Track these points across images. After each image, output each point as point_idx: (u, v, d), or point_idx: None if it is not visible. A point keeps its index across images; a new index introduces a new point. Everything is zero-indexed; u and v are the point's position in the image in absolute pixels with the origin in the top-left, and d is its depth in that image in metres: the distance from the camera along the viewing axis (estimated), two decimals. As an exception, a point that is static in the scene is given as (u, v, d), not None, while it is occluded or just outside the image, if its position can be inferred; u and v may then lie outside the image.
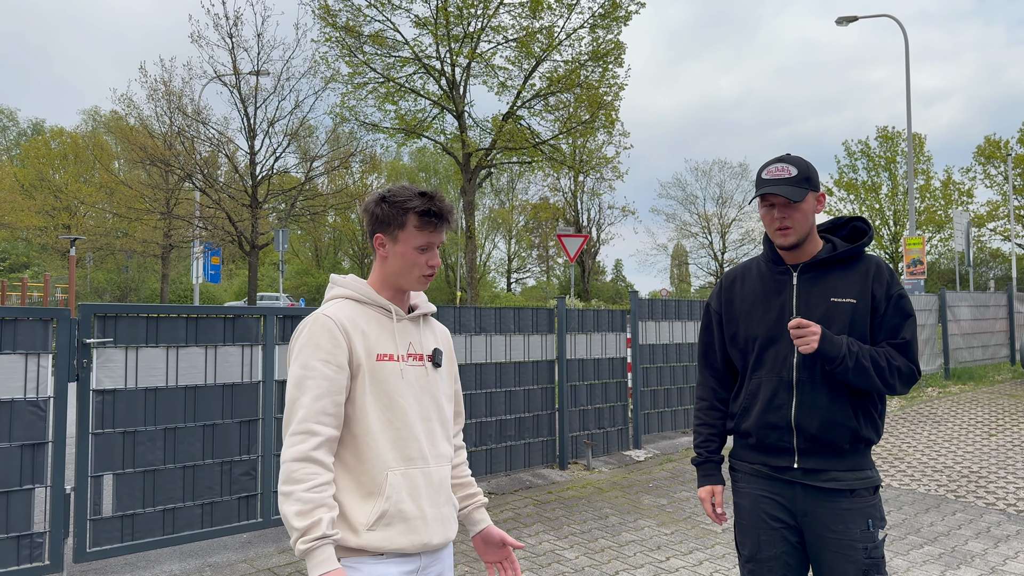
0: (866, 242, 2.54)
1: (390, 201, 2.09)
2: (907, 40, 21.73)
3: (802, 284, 2.51)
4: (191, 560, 5.02)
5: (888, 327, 2.45)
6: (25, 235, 40.45)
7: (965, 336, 15.56)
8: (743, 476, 2.63)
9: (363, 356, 2.03)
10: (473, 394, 6.88)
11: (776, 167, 2.48)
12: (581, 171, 29.80)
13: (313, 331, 2.01)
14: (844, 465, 2.43)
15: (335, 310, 2.06)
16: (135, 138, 24.46)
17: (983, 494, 6.64)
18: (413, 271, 2.12)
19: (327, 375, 1.98)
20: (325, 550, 1.86)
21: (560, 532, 5.67)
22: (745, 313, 2.61)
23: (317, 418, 1.95)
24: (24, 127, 60.54)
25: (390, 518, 1.99)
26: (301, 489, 1.88)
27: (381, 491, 2.00)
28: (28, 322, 4.54)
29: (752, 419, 2.55)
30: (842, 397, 2.42)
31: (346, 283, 2.16)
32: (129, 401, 4.85)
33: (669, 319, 9.12)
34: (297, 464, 1.91)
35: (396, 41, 23.09)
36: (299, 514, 1.86)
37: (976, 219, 44.78)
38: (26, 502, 4.48)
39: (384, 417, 2.03)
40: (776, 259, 2.59)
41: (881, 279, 2.47)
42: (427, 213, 2.08)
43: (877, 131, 48.28)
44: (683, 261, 61.33)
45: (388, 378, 2.06)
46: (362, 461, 2.01)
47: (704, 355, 2.78)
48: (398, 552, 2.00)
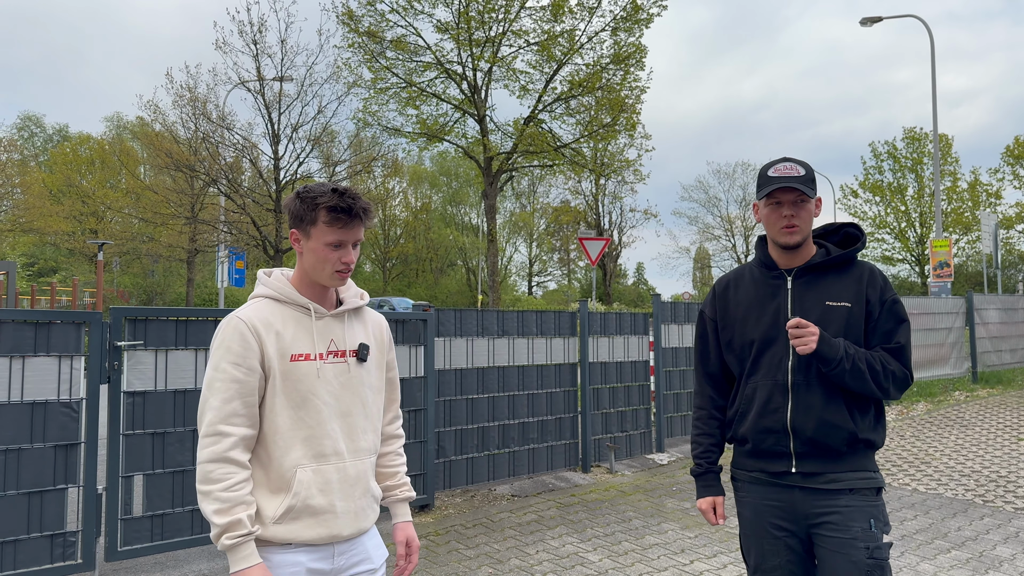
0: (859, 247, 2.54)
1: (303, 197, 2.12)
2: (933, 40, 21.50)
3: (797, 288, 2.51)
4: (219, 560, 5.09)
5: (882, 332, 2.46)
6: (53, 240, 41.11)
7: (993, 339, 15.35)
8: (743, 484, 2.61)
9: (275, 358, 2.08)
10: (496, 397, 6.92)
11: (784, 166, 2.47)
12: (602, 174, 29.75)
13: (225, 334, 2.07)
14: (843, 467, 2.42)
15: (249, 312, 2.11)
16: (161, 144, 24.81)
17: (1011, 499, 6.56)
18: (325, 267, 2.14)
19: (236, 377, 2.04)
20: (247, 546, 1.99)
21: (583, 535, 5.68)
22: (740, 319, 2.59)
23: (227, 419, 2.03)
24: (50, 133, 61.51)
25: (297, 512, 2.08)
26: (218, 489, 1.98)
27: (289, 487, 2.08)
28: (61, 325, 4.63)
29: (748, 424, 2.53)
30: (837, 399, 2.41)
31: (268, 282, 2.19)
32: (159, 403, 4.93)
33: (692, 322, 9.09)
34: (213, 464, 2.00)
35: (418, 46, 23.23)
36: (218, 512, 1.97)
37: (1004, 221, 44.14)
38: (59, 501, 4.57)
39: (296, 416, 2.09)
40: (770, 264, 2.58)
41: (875, 284, 2.48)
42: (336, 209, 2.09)
43: (904, 132, 47.79)
44: (705, 264, 61.00)
45: (302, 378, 2.11)
46: (271, 458, 2.09)
47: (701, 363, 2.76)
48: (305, 543, 2.10)
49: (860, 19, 22.17)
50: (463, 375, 6.69)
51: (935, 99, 21.10)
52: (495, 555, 5.24)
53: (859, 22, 22.31)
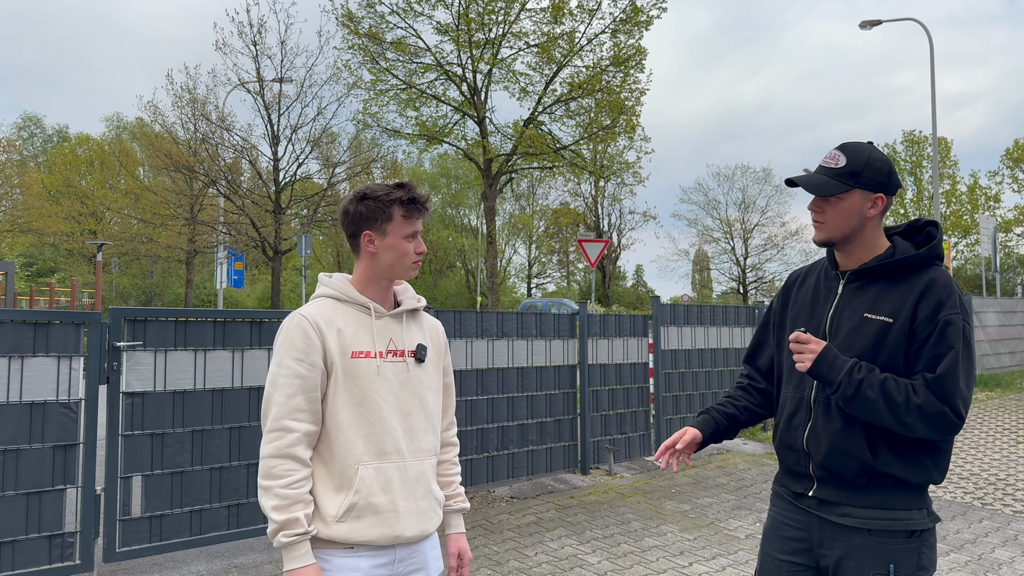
0: (925, 253, 2.15)
1: (372, 197, 2.17)
2: (932, 43, 21.54)
3: (845, 294, 2.23)
4: (218, 561, 5.09)
5: (928, 357, 2.05)
6: (52, 240, 41.10)
7: (992, 343, 15.36)
8: (774, 497, 2.44)
9: (336, 354, 2.10)
10: (495, 398, 6.91)
11: (829, 154, 2.21)
12: (602, 176, 29.72)
13: (289, 331, 2.10)
14: (863, 501, 2.12)
15: (312, 309, 2.14)
16: (160, 145, 24.80)
17: (1010, 502, 6.56)
18: (405, 260, 2.19)
19: (300, 373, 2.06)
20: (302, 546, 1.99)
21: (582, 537, 5.68)
22: (793, 319, 2.38)
23: (291, 415, 2.04)
24: (49, 134, 61.51)
25: (360, 511, 2.07)
26: (279, 485, 1.99)
27: (351, 484, 2.07)
28: (60, 326, 4.63)
29: (777, 437, 2.38)
30: (856, 424, 2.11)
31: (330, 283, 2.23)
32: (158, 403, 4.93)
33: (691, 324, 9.09)
34: (276, 460, 2.01)
35: (418, 48, 23.23)
36: (277, 508, 1.98)
37: (1003, 224, 44.17)
38: (58, 502, 4.56)
39: (357, 412, 2.10)
40: (833, 263, 2.32)
41: (930, 298, 2.07)
42: (412, 202, 2.18)
43: (903, 135, 47.83)
44: (705, 266, 60.90)
45: (363, 374, 2.12)
46: (334, 455, 2.09)
47: (752, 351, 2.57)
48: (368, 544, 2.08)
49: (860, 22, 22.21)
50: (462, 376, 6.68)
51: (934, 102, 21.14)
52: (494, 557, 5.23)
53: (859, 25, 22.35)
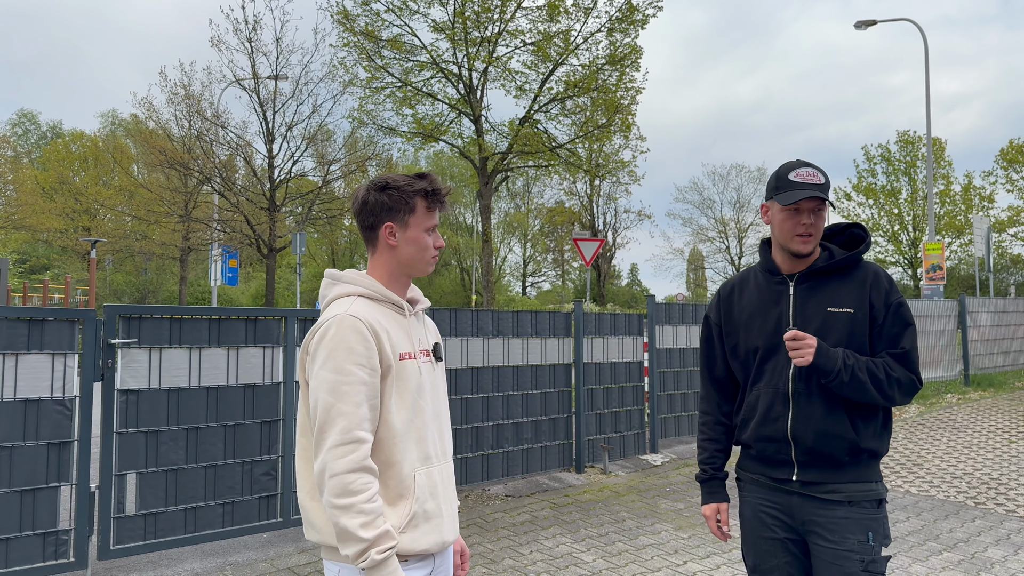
0: (863, 249, 2.48)
1: (395, 188, 2.06)
2: (927, 44, 21.61)
3: (799, 294, 2.46)
4: (212, 559, 5.08)
5: (888, 337, 2.39)
6: (46, 237, 40.92)
7: (985, 342, 15.42)
8: (746, 485, 2.61)
9: (391, 356, 1.99)
10: (490, 397, 6.91)
11: (807, 171, 2.41)
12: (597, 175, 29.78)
13: (344, 335, 1.92)
14: (844, 477, 2.38)
15: (360, 310, 1.98)
16: (155, 142, 24.74)
17: (1003, 501, 6.59)
18: (425, 253, 2.11)
19: (364, 380, 1.92)
20: (394, 560, 1.87)
21: (577, 535, 5.69)
22: (743, 325, 2.56)
23: (361, 425, 1.90)
24: (44, 130, 61.26)
25: (418, 519, 1.98)
26: (361, 501, 1.85)
27: (410, 492, 1.98)
28: (55, 323, 4.61)
29: (751, 431, 2.52)
30: (839, 409, 2.36)
31: (355, 279, 2.09)
32: (152, 401, 4.92)
33: (686, 323, 9.11)
34: (354, 475, 1.86)
35: (414, 46, 23.23)
36: (365, 525, 1.84)
37: (997, 224, 44.30)
38: (52, 500, 4.55)
39: (408, 417, 2.00)
40: (772, 269, 2.53)
41: (879, 287, 2.41)
42: (435, 193, 2.09)
43: (897, 135, 47.95)
44: (699, 266, 61.05)
45: (410, 376, 2.02)
46: (391, 464, 1.97)
47: (707, 367, 2.73)
48: (422, 553, 1.99)
49: (855, 23, 22.25)
50: (457, 375, 6.68)
51: (928, 103, 21.21)
52: (489, 555, 5.24)
53: (854, 25, 22.38)
